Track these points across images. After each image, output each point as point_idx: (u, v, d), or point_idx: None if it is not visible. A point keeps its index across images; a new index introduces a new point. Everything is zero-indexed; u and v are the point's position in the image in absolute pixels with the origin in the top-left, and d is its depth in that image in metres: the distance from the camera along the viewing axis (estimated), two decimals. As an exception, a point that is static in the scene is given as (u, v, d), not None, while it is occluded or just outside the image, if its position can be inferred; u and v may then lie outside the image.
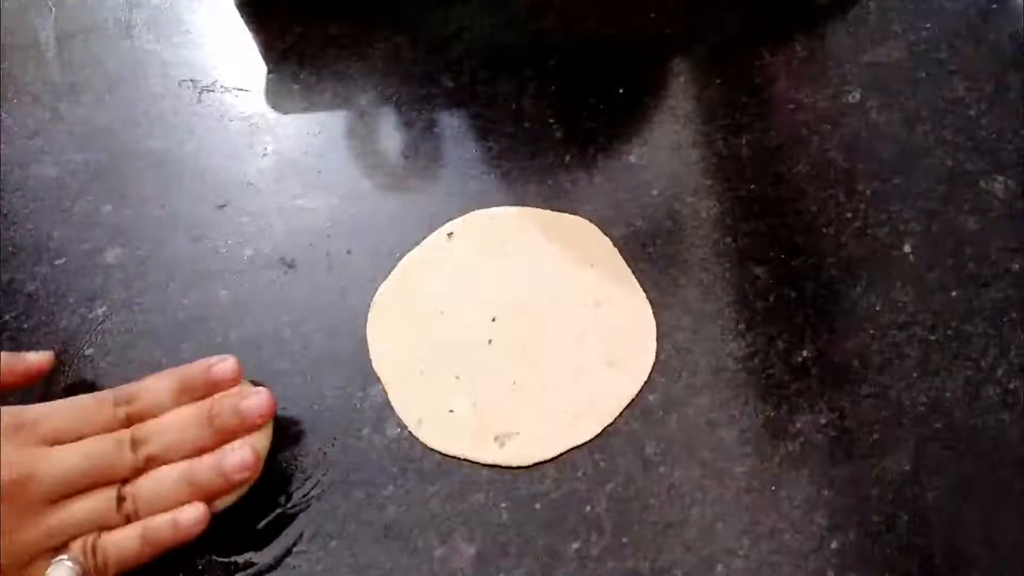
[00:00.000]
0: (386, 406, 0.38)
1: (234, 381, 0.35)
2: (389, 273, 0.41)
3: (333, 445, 0.37)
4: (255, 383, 0.37)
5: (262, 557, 0.34)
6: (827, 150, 0.44)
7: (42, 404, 0.34)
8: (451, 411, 0.37)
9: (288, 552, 0.34)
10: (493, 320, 0.40)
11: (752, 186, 0.43)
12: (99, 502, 0.32)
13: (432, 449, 0.36)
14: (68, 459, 0.32)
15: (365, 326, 0.40)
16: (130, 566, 0.32)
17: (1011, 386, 0.37)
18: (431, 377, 0.38)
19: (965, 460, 0.35)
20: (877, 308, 0.39)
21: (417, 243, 0.42)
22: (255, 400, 0.35)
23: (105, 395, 0.34)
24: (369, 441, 0.37)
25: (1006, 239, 0.41)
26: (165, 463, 0.34)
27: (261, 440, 0.35)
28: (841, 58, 0.48)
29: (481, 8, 0.51)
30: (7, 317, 0.41)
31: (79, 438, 0.33)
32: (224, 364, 0.35)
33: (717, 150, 0.44)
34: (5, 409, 0.32)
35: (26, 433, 0.32)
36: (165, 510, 0.33)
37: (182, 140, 0.46)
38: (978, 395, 0.37)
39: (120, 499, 0.33)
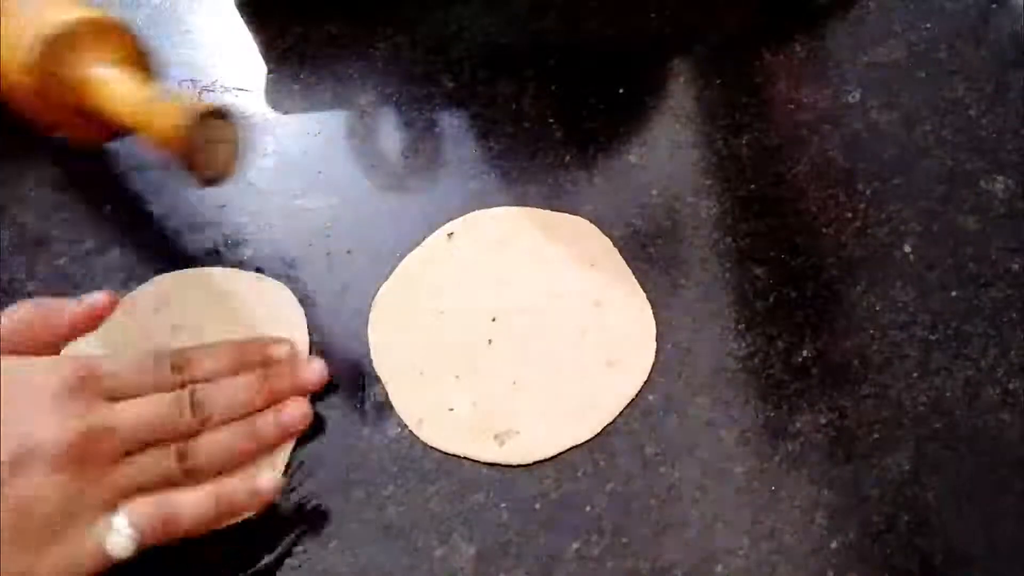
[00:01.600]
0: (386, 406, 0.38)
1: (288, 363, 0.37)
2: (389, 273, 0.41)
3: (333, 445, 0.37)
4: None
5: (262, 557, 0.34)
6: (827, 150, 0.44)
7: (106, 358, 0.34)
8: (451, 410, 0.37)
9: (288, 552, 0.34)
10: (493, 320, 0.40)
11: (752, 186, 0.43)
12: (161, 459, 0.32)
13: (432, 448, 0.36)
14: (139, 415, 0.32)
15: (365, 326, 0.40)
16: (201, 530, 0.32)
17: (1011, 386, 0.37)
18: (431, 376, 0.38)
19: (965, 460, 0.35)
20: (877, 308, 0.39)
21: (417, 243, 0.42)
22: (313, 368, 0.37)
23: (164, 355, 0.35)
24: (369, 441, 0.37)
25: (1006, 239, 0.41)
26: (220, 424, 0.34)
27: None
28: (841, 58, 0.48)
29: (481, 8, 0.51)
30: (7, 317, 0.41)
31: (138, 395, 0.33)
32: (280, 346, 0.37)
33: (717, 150, 0.44)
34: (71, 359, 0.33)
35: (91, 387, 0.31)
36: (224, 466, 0.34)
37: (182, 140, 0.46)
38: (978, 395, 0.37)
39: (181, 456, 0.32)
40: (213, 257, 0.42)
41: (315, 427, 0.37)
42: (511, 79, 0.48)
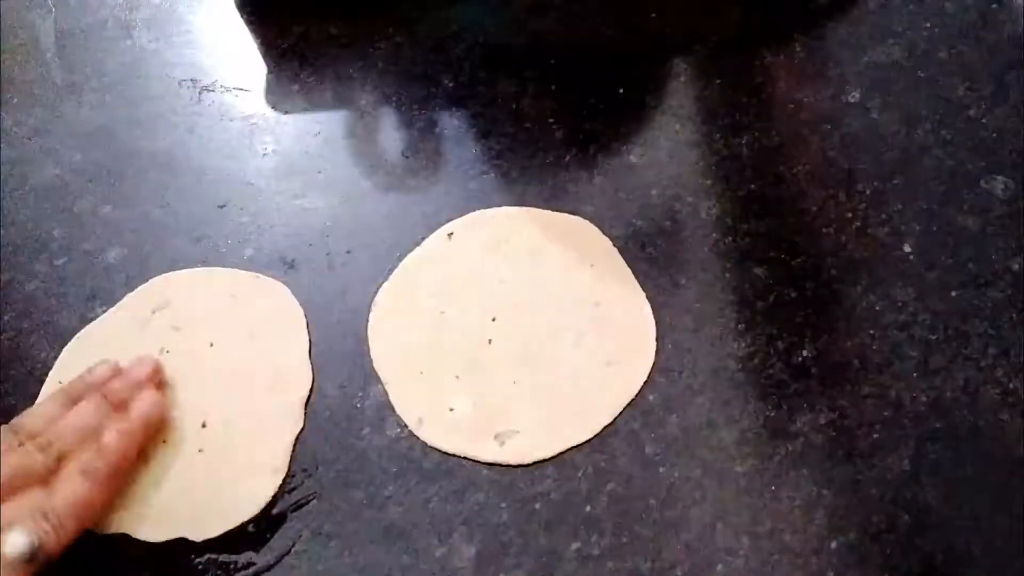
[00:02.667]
0: (386, 406, 0.38)
1: (112, 378, 0.37)
2: (389, 273, 0.41)
3: (333, 445, 0.37)
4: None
5: (262, 557, 0.34)
6: (827, 150, 0.44)
7: None
8: (451, 410, 0.37)
9: (288, 552, 0.34)
10: (493, 320, 0.40)
11: (752, 186, 0.43)
12: (33, 494, 0.32)
13: (432, 448, 0.36)
14: None
15: (365, 326, 0.40)
16: (86, 513, 0.33)
17: (1011, 386, 0.37)
18: (431, 376, 0.38)
19: (965, 460, 0.35)
20: (877, 308, 0.39)
21: (417, 243, 0.42)
22: (136, 364, 0.37)
23: (1, 429, 0.35)
24: (369, 441, 0.37)
25: (1006, 239, 0.41)
26: (75, 454, 0.34)
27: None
28: (841, 58, 0.48)
29: (481, 8, 0.51)
30: (7, 317, 0.41)
31: None
32: (100, 367, 0.37)
33: (717, 150, 0.44)
34: None
35: None
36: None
37: (182, 140, 0.46)
38: (978, 395, 0.37)
39: (48, 488, 0.33)
40: (213, 257, 0.42)
41: (315, 427, 0.37)
42: (511, 79, 0.48)
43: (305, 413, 0.38)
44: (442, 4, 0.51)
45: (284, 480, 0.36)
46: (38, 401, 0.37)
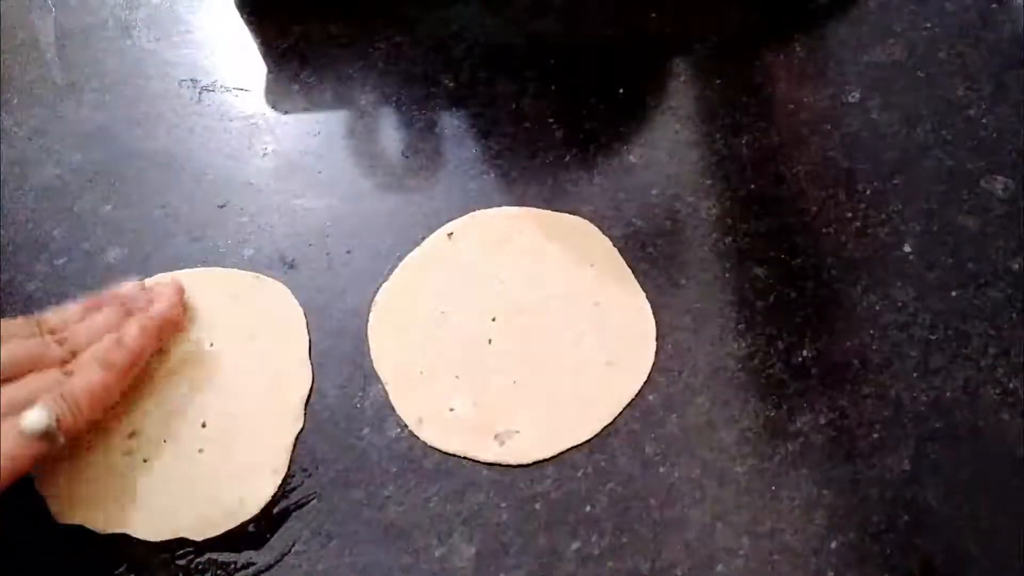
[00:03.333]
0: (386, 406, 0.38)
1: (139, 295, 0.38)
2: (389, 273, 0.41)
3: (333, 445, 0.37)
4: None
5: (262, 557, 0.34)
6: (827, 150, 0.44)
7: None
8: (451, 410, 0.37)
9: (288, 552, 0.34)
10: (493, 320, 0.40)
11: (752, 186, 0.43)
12: (47, 374, 0.34)
13: (432, 448, 0.36)
14: (8, 350, 0.34)
15: (365, 326, 0.40)
16: (102, 399, 0.34)
17: (1011, 386, 0.37)
18: (431, 376, 0.38)
19: (965, 460, 0.35)
20: (877, 308, 0.39)
21: (417, 243, 0.42)
22: (161, 284, 0.39)
23: (27, 318, 0.36)
24: (369, 441, 0.37)
25: (1006, 239, 0.41)
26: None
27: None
28: (841, 58, 0.48)
29: (481, 8, 0.51)
30: (7, 317, 0.41)
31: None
32: (127, 284, 0.39)
33: (717, 150, 0.44)
34: None
35: None
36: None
37: (182, 140, 0.46)
38: (978, 395, 0.37)
39: (68, 373, 0.34)
40: (213, 257, 0.42)
41: (315, 427, 0.37)
42: (511, 79, 0.48)
43: (305, 413, 0.38)
44: (442, 4, 0.51)
45: (284, 480, 0.36)
46: None
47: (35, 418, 0.32)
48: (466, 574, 0.34)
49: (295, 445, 0.37)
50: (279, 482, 0.36)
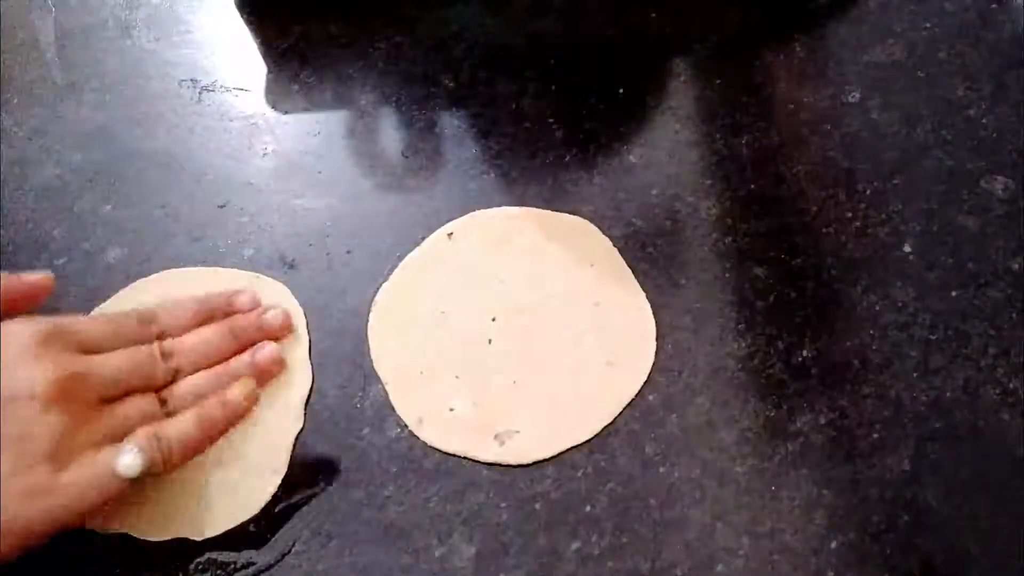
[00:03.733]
0: (386, 406, 0.38)
1: (252, 309, 0.39)
2: (389, 273, 0.41)
3: (333, 445, 0.37)
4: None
5: (262, 557, 0.34)
6: (827, 150, 0.44)
7: (75, 316, 0.36)
8: (451, 410, 0.37)
9: (288, 552, 0.34)
10: (493, 320, 0.40)
11: (752, 186, 0.43)
12: (144, 402, 0.34)
13: (432, 448, 0.36)
14: (114, 362, 0.34)
15: (365, 326, 0.40)
16: (192, 450, 0.34)
17: (1011, 386, 0.37)
18: (431, 376, 0.38)
19: (965, 460, 0.35)
20: (877, 308, 0.39)
21: (417, 243, 0.42)
22: (275, 312, 0.39)
23: (132, 312, 0.36)
24: (369, 441, 0.37)
25: (1006, 239, 0.41)
26: (193, 372, 0.36)
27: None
28: (841, 58, 0.48)
29: (481, 8, 0.51)
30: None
31: (111, 350, 0.34)
32: (244, 295, 0.39)
33: (717, 150, 0.44)
34: (41, 317, 0.34)
35: (64, 341, 0.33)
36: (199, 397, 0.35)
37: (182, 140, 0.46)
38: (978, 395, 0.37)
39: (162, 402, 0.35)
40: (213, 257, 0.42)
41: (315, 427, 0.37)
42: (511, 79, 0.48)
43: (305, 413, 0.38)
44: (442, 4, 0.51)
45: (284, 480, 0.36)
46: None
47: (130, 462, 0.31)
48: (466, 574, 0.34)
49: (295, 445, 0.37)
50: (279, 482, 0.36)
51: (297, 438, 0.37)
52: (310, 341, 0.39)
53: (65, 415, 0.31)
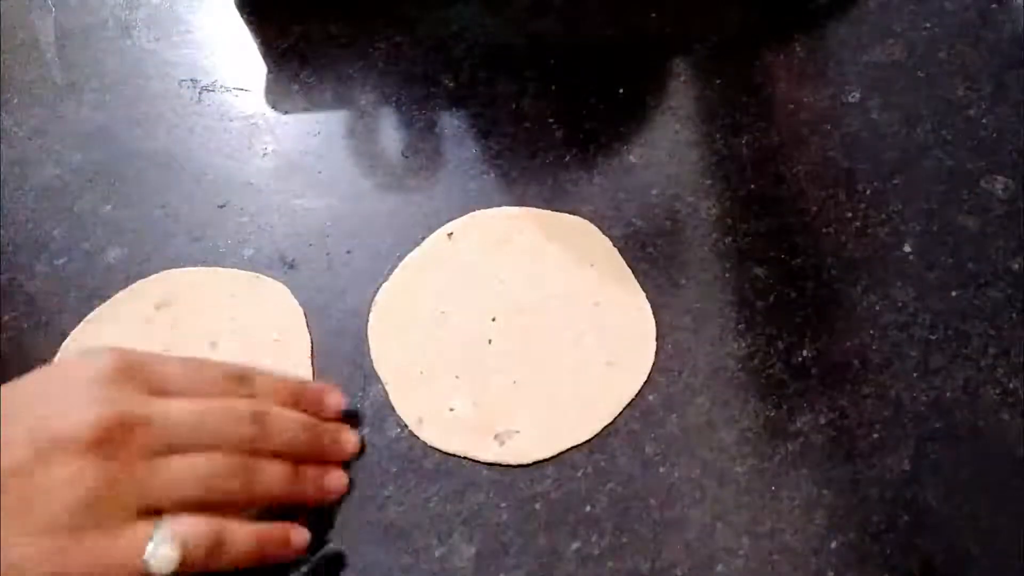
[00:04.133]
0: (386, 406, 0.38)
1: (335, 416, 0.36)
2: (389, 273, 0.41)
3: (333, 445, 0.37)
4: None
5: (262, 557, 0.34)
6: (827, 150, 0.44)
7: (158, 354, 0.32)
8: (451, 410, 0.37)
9: (288, 552, 0.34)
10: (493, 320, 0.40)
11: (752, 186, 0.43)
12: (207, 463, 0.29)
13: (432, 448, 0.36)
14: (184, 411, 0.29)
15: (365, 326, 0.40)
16: (243, 564, 0.30)
17: (1011, 386, 0.37)
18: (431, 376, 0.38)
19: (965, 460, 0.35)
20: (877, 308, 0.39)
21: (417, 243, 0.42)
22: (355, 439, 0.36)
23: (222, 364, 0.33)
24: (369, 441, 0.37)
25: (1006, 239, 0.41)
26: (273, 452, 0.32)
27: None
28: (841, 58, 0.48)
29: (481, 8, 0.51)
30: (7, 317, 0.41)
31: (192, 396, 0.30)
32: (334, 397, 0.36)
33: (717, 150, 0.44)
34: (118, 349, 0.30)
35: (139, 380, 0.29)
36: (270, 494, 0.31)
37: (182, 140, 0.46)
38: (978, 395, 0.37)
39: (246, 471, 0.30)
40: (213, 257, 0.42)
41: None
42: (511, 79, 0.48)
43: (305, 413, 0.38)
44: (442, 4, 0.51)
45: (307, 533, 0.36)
46: None
47: (162, 556, 0.27)
48: (466, 574, 0.34)
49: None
50: None
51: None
52: (310, 341, 0.39)
53: (103, 467, 0.27)
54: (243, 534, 0.29)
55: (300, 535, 0.32)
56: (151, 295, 0.41)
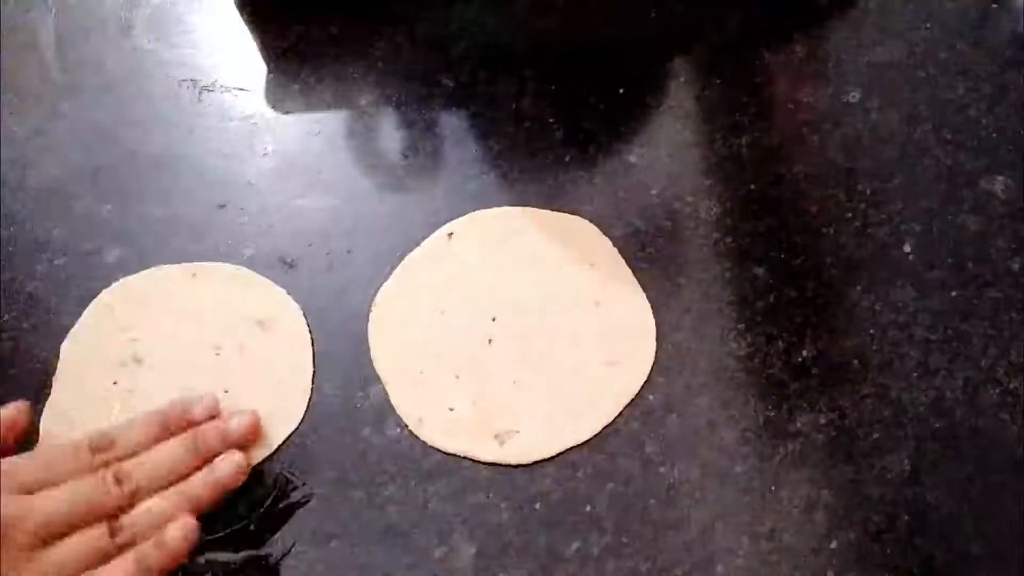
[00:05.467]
0: (386, 406, 0.38)
1: (212, 418, 0.36)
2: (389, 273, 0.41)
3: (333, 445, 0.37)
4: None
5: (262, 557, 0.34)
6: (827, 150, 0.44)
7: (14, 456, 0.34)
8: (451, 409, 0.37)
9: (288, 552, 0.34)
10: (493, 320, 0.40)
11: (752, 186, 0.43)
12: (92, 537, 0.32)
13: (432, 448, 0.36)
14: (54, 499, 0.32)
15: (365, 326, 0.40)
16: None
17: (1011, 386, 0.37)
18: (432, 376, 0.38)
19: (965, 460, 0.35)
20: (877, 308, 0.39)
21: (417, 243, 0.42)
22: (240, 420, 0.36)
23: (80, 441, 0.34)
24: (369, 441, 0.37)
25: (1006, 239, 0.41)
26: (151, 493, 0.33)
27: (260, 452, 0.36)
28: (841, 58, 0.48)
29: (481, 8, 0.51)
30: (7, 317, 0.41)
31: (54, 485, 0.32)
32: (199, 405, 0.36)
33: (717, 150, 0.44)
34: None
35: (2, 483, 0.31)
36: (156, 531, 0.33)
37: (182, 140, 0.46)
38: (978, 395, 0.37)
39: (114, 531, 0.32)
40: (213, 257, 0.42)
41: (315, 427, 0.37)
42: (511, 79, 0.48)
43: (305, 413, 0.38)
44: (442, 4, 0.51)
45: (284, 480, 0.36)
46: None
47: None
48: (466, 574, 0.34)
49: (295, 445, 0.37)
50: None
51: (296, 439, 0.37)
52: (311, 341, 0.39)
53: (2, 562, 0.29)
54: (118, 569, 0.32)
55: (172, 532, 0.32)
56: (150, 288, 0.41)
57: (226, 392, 0.38)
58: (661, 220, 0.42)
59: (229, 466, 0.34)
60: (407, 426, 0.37)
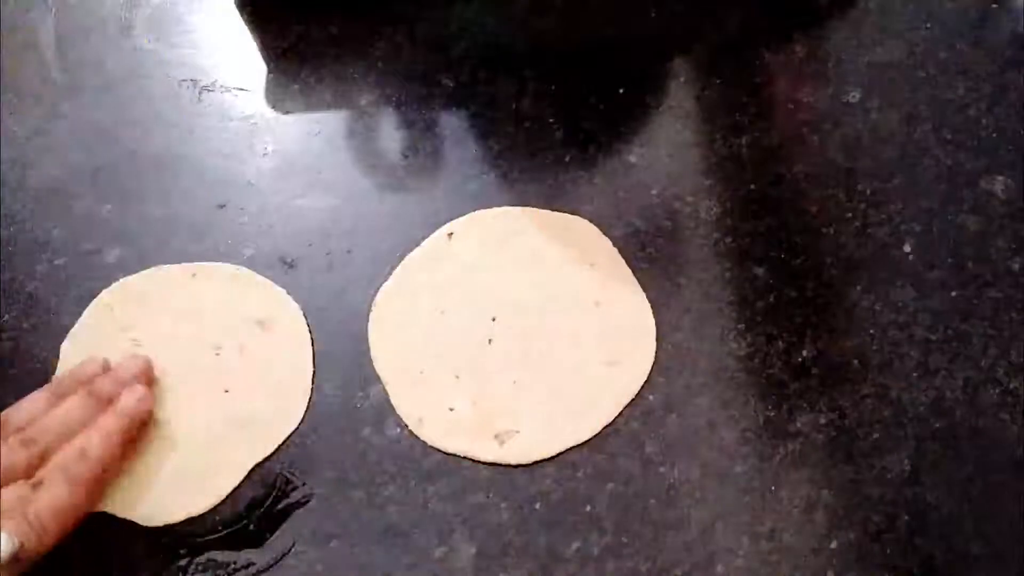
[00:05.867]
0: (386, 406, 0.38)
1: (101, 374, 0.37)
2: (389, 273, 0.41)
3: (333, 445, 0.37)
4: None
5: (262, 557, 0.34)
6: (827, 150, 0.44)
7: None
8: (451, 409, 0.37)
9: (288, 552, 0.34)
10: (493, 320, 0.40)
11: (752, 186, 0.43)
12: (10, 494, 0.32)
13: (432, 448, 0.36)
14: None
15: (365, 326, 0.40)
16: (69, 516, 0.33)
17: (1011, 386, 0.37)
18: (431, 376, 0.38)
19: (965, 460, 0.35)
20: (877, 308, 0.39)
21: (417, 243, 0.42)
22: (130, 362, 0.37)
23: None
24: (369, 441, 0.37)
25: (1006, 239, 0.41)
26: (65, 438, 0.34)
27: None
28: (841, 58, 0.48)
29: (481, 8, 0.51)
30: (7, 317, 0.41)
31: None
32: (88, 365, 0.37)
33: (717, 150, 0.44)
34: None
35: None
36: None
37: (182, 140, 0.46)
38: (978, 395, 0.37)
39: (35, 486, 0.33)
40: (213, 257, 0.42)
41: (315, 427, 0.37)
42: (511, 79, 0.48)
43: (305, 413, 0.38)
44: (442, 4, 0.51)
45: (284, 480, 0.36)
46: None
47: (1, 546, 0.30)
48: (466, 574, 0.34)
49: (295, 445, 0.37)
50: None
51: (296, 438, 0.37)
52: (311, 341, 0.39)
53: None
54: (46, 488, 0.32)
55: (93, 440, 0.34)
56: (151, 286, 0.41)
57: (226, 392, 0.38)
58: (661, 220, 0.42)
59: (131, 396, 0.36)
60: (407, 426, 0.37)
